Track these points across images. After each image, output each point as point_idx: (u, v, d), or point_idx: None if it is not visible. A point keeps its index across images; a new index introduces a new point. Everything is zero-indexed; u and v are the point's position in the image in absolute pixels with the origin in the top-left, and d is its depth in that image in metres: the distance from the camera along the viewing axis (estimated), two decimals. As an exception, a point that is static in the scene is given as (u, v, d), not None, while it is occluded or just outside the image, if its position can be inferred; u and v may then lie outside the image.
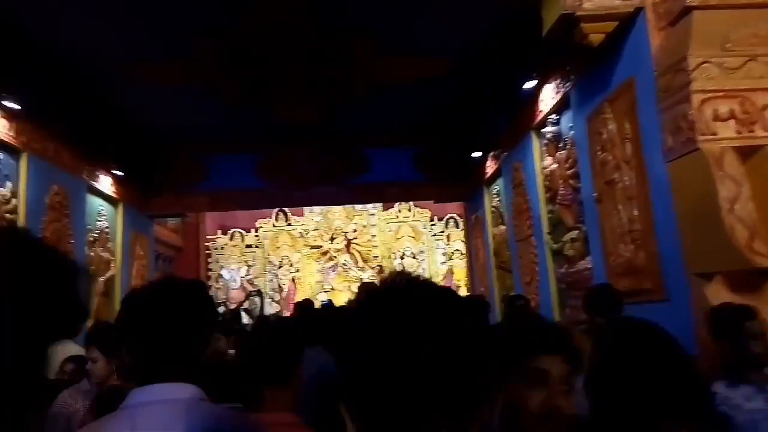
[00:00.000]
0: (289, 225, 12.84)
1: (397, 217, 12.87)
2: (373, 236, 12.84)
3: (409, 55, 5.36)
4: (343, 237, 12.73)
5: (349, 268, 12.54)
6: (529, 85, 5.24)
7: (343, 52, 5.26)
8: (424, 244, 12.78)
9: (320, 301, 10.12)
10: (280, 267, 12.65)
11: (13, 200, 4.99)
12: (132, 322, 1.36)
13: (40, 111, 5.31)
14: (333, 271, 12.61)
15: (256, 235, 12.75)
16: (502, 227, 6.80)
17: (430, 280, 0.86)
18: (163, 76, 5.62)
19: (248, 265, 12.58)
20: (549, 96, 5.04)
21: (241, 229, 12.69)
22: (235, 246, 12.66)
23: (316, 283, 12.53)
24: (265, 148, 7.74)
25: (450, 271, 12.51)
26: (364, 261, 12.71)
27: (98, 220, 6.78)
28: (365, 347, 0.75)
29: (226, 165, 7.83)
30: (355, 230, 12.79)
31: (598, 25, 3.47)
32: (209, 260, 12.45)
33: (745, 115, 2.97)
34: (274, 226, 12.81)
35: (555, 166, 5.11)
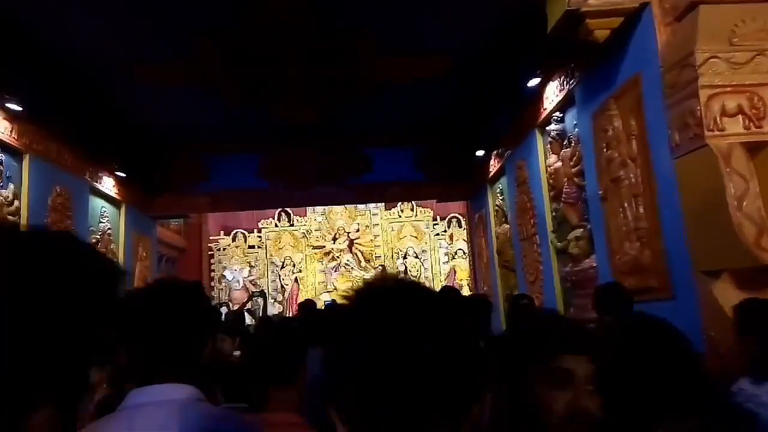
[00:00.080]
0: (292, 225, 12.83)
1: (400, 216, 12.87)
2: (375, 236, 12.83)
3: (411, 54, 5.32)
4: (346, 237, 12.72)
5: (352, 268, 12.52)
6: (533, 82, 5.21)
7: (344, 52, 5.23)
8: (426, 244, 12.77)
9: (323, 302, 10.11)
10: (282, 267, 12.65)
11: (16, 202, 4.99)
12: (130, 323, 1.35)
13: (42, 112, 5.30)
14: (336, 272, 12.60)
15: (259, 236, 12.75)
16: (506, 226, 6.77)
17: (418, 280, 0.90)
18: (164, 77, 5.60)
19: (251, 266, 12.58)
20: (553, 93, 5.01)
21: (243, 230, 12.69)
22: (237, 247, 12.66)
23: (319, 284, 12.52)
24: (267, 149, 7.72)
25: (453, 271, 12.51)
26: (367, 261, 12.70)
27: (101, 222, 6.76)
28: (365, 349, 0.75)
29: (227, 165, 7.80)
30: (358, 230, 12.79)
31: (604, 21, 3.44)
32: (212, 261, 12.45)
33: (754, 111, 2.94)
34: (276, 226, 12.80)
35: (559, 164, 5.08)
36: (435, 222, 12.81)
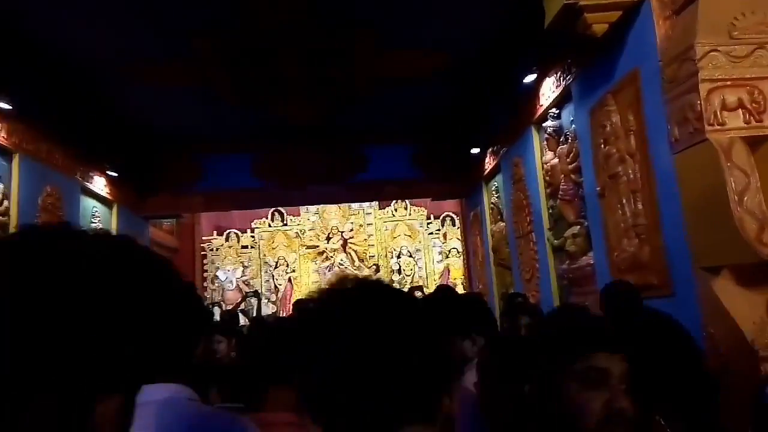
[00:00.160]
0: (285, 225, 12.76)
1: (394, 215, 12.83)
2: (369, 235, 12.79)
3: (408, 50, 5.28)
4: (340, 236, 12.67)
5: (346, 268, 12.47)
6: (529, 78, 5.17)
7: (343, 49, 5.18)
8: (420, 243, 12.75)
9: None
10: (276, 267, 12.59)
11: (5, 202, 4.91)
12: None
13: (33, 111, 5.22)
14: (329, 271, 12.54)
15: (252, 236, 12.67)
16: (501, 224, 6.74)
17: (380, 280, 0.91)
18: (160, 76, 5.54)
19: (244, 266, 12.51)
20: (549, 89, 4.97)
21: (236, 230, 12.61)
22: (230, 247, 12.58)
23: (313, 283, 12.44)
24: (262, 147, 7.66)
25: (447, 270, 12.49)
26: (361, 260, 12.66)
27: (92, 222, 6.68)
28: (333, 350, 0.76)
29: (221, 165, 7.73)
30: (352, 229, 12.74)
31: (602, 15, 3.41)
32: (205, 261, 12.37)
33: (754, 105, 2.91)
34: (269, 226, 12.74)
35: (556, 160, 5.05)
36: (429, 221, 12.78)
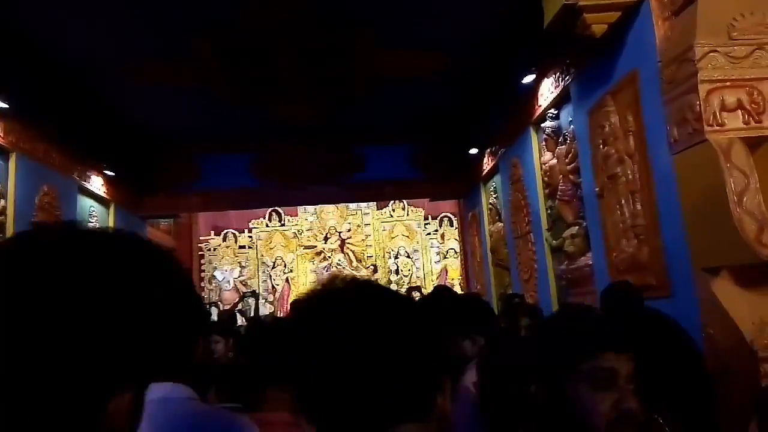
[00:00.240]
0: (283, 225, 12.74)
1: (391, 216, 12.82)
2: (367, 236, 12.78)
3: (408, 48, 5.27)
4: (337, 237, 12.66)
5: (344, 268, 12.45)
6: (528, 79, 5.17)
7: (342, 49, 5.17)
8: (418, 243, 12.74)
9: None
10: (273, 267, 12.57)
11: (2, 201, 4.89)
12: None
13: (30, 110, 5.20)
14: (327, 271, 12.51)
15: (250, 236, 12.65)
16: (500, 224, 6.74)
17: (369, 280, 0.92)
18: (158, 75, 5.51)
19: (241, 266, 12.49)
20: (548, 90, 4.97)
21: (234, 230, 12.59)
22: (228, 247, 12.55)
23: (311, 284, 12.41)
24: (259, 147, 7.64)
25: (444, 270, 12.49)
26: (358, 261, 12.65)
27: (89, 222, 6.63)
28: (332, 352, 0.76)
29: (219, 164, 7.70)
30: (349, 230, 12.72)
31: (601, 16, 3.41)
32: (202, 261, 12.34)
33: (753, 105, 2.91)
34: (267, 226, 12.71)
35: (554, 161, 5.05)
36: (426, 221, 12.78)
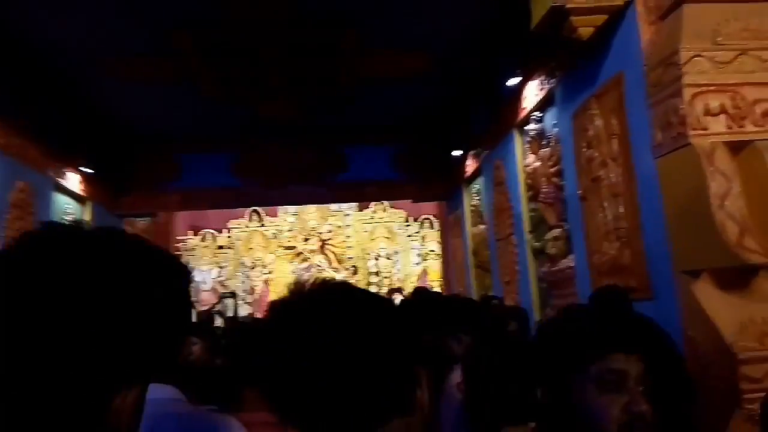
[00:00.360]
0: (263, 226, 12.65)
1: (372, 217, 12.81)
2: (347, 237, 12.75)
3: (393, 49, 5.25)
4: (318, 238, 12.60)
5: (324, 269, 12.39)
6: (513, 82, 5.18)
7: (327, 47, 5.13)
8: (398, 245, 12.74)
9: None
10: (252, 268, 12.46)
11: (-26, 197, 4.77)
12: None
13: (5, 105, 5.06)
14: (307, 273, 12.43)
15: (228, 236, 12.54)
16: (482, 226, 6.75)
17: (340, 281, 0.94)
18: (139, 71, 5.42)
19: (220, 267, 12.36)
20: (533, 93, 4.99)
21: (212, 230, 12.45)
22: (206, 247, 12.42)
23: (289, 285, 12.33)
24: (241, 146, 7.56)
25: (424, 272, 12.50)
26: (339, 262, 12.61)
27: (65, 220, 6.52)
28: (315, 353, 0.77)
29: (200, 163, 7.61)
30: (330, 231, 12.67)
31: (588, 18, 3.42)
32: (180, 262, 12.18)
33: (736, 110, 2.94)
34: (246, 227, 12.60)
35: (538, 164, 5.06)
36: (407, 223, 12.78)
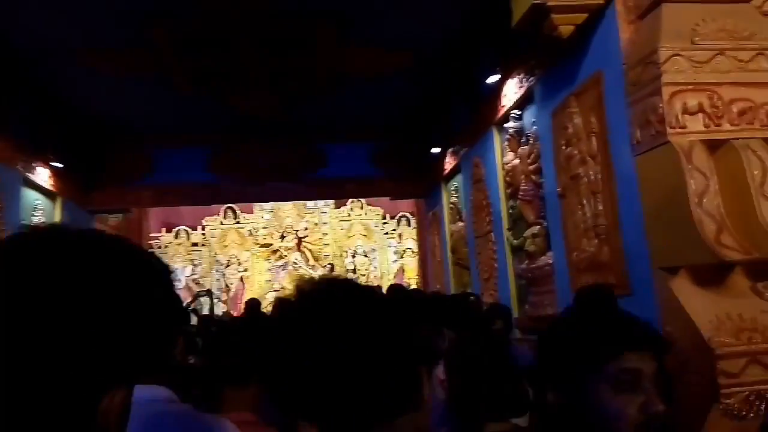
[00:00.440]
0: (238, 223, 12.51)
1: (349, 215, 12.75)
2: (324, 234, 12.68)
3: (372, 45, 5.22)
4: (294, 235, 12.50)
5: (300, 267, 12.31)
6: (492, 79, 5.19)
7: (304, 41, 5.07)
8: (375, 243, 12.71)
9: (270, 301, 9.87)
10: (227, 266, 12.31)
11: (-61, 192, 4.62)
12: None
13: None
14: (283, 270, 12.35)
15: (203, 233, 12.36)
16: (461, 224, 6.77)
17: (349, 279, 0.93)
18: (111, 63, 5.30)
19: (194, 264, 12.20)
20: (512, 91, 5.01)
21: (186, 227, 12.27)
22: (180, 244, 12.24)
23: (266, 282, 12.25)
24: (217, 141, 7.46)
25: (401, 269, 12.50)
26: (315, 259, 12.52)
27: (34, 216, 6.34)
28: (330, 352, 0.76)
29: (174, 158, 7.48)
30: (307, 228, 12.58)
31: (569, 17, 3.44)
32: (153, 259, 11.98)
33: (713, 109, 2.98)
34: (221, 224, 12.45)
35: (517, 161, 5.09)
36: (384, 221, 12.76)
